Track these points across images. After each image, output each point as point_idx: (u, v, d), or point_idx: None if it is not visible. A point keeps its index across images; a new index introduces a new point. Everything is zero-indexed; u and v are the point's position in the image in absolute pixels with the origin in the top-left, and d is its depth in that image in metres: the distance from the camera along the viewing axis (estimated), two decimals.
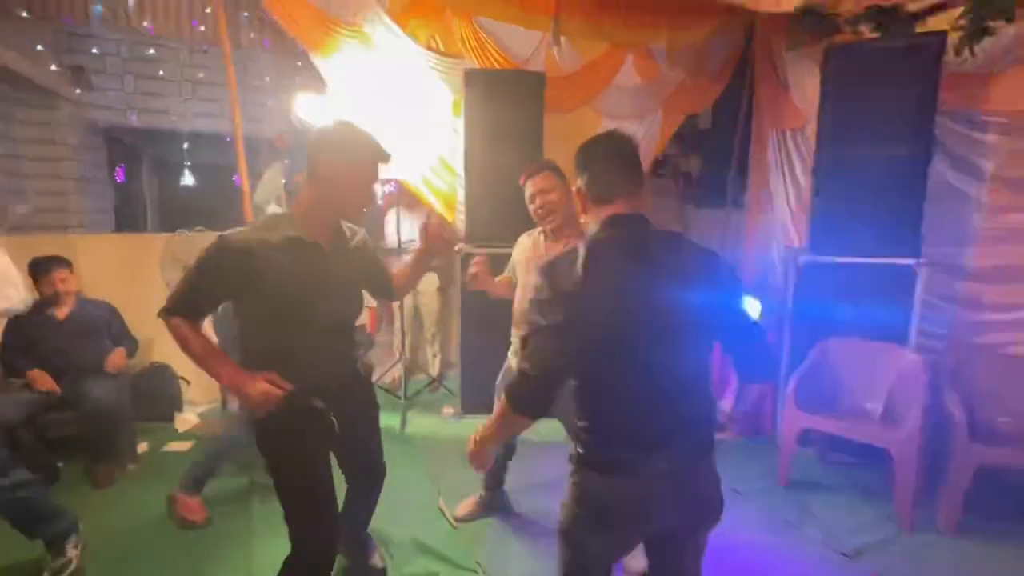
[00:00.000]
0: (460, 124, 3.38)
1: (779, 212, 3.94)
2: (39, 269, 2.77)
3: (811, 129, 3.43)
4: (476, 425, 1.30)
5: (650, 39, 3.77)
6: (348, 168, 1.42)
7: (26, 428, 2.55)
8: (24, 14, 3.44)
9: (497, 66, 3.43)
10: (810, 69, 3.42)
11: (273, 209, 2.97)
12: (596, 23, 3.47)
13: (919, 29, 2.85)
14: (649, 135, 4.10)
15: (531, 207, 2.01)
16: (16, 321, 2.74)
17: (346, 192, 1.43)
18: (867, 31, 2.98)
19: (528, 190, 2.00)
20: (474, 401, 3.37)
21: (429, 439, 3.23)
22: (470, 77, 3.22)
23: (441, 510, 2.42)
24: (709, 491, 1.18)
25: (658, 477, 1.11)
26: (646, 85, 3.91)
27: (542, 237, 2.10)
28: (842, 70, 2.84)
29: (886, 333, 2.71)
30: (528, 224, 3.30)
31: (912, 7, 2.85)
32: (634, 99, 3.93)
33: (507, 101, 3.22)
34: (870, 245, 2.79)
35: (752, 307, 3.26)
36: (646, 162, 4.18)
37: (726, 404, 3.38)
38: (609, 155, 1.19)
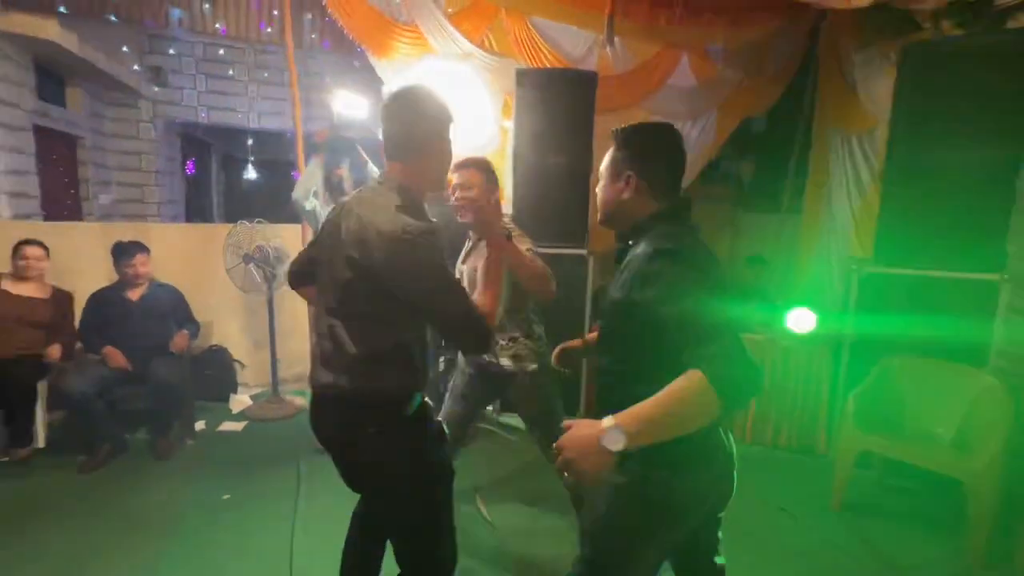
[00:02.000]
0: (510, 124, 3.39)
1: (840, 219, 3.74)
2: (120, 253, 2.99)
3: (881, 132, 3.23)
4: (511, 422, 1.28)
5: (707, 39, 3.66)
6: (437, 131, 1.26)
7: (100, 400, 2.76)
8: (112, 18, 3.73)
9: (549, 66, 3.42)
10: (882, 69, 3.23)
11: (312, 204, 3.04)
12: (651, 23, 3.41)
13: (1010, 25, 2.63)
14: (703, 137, 3.98)
15: (456, 195, 1.93)
16: (95, 300, 2.97)
17: (436, 159, 1.28)
18: (949, 28, 2.78)
19: (458, 180, 1.95)
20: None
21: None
22: (521, 76, 3.23)
23: (480, 509, 2.44)
24: (733, 468, 1.18)
25: (717, 460, 1.11)
26: (702, 85, 3.80)
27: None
28: (921, 69, 2.65)
29: (958, 353, 2.51)
30: (574, 224, 3.31)
31: (1001, 1, 2.63)
32: (688, 100, 3.83)
33: (558, 101, 3.20)
34: (944, 256, 2.59)
35: (806, 318, 3.10)
36: (699, 165, 4.06)
37: None
38: (675, 151, 1.17)
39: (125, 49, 4.41)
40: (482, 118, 3.52)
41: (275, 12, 4.39)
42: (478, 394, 2.08)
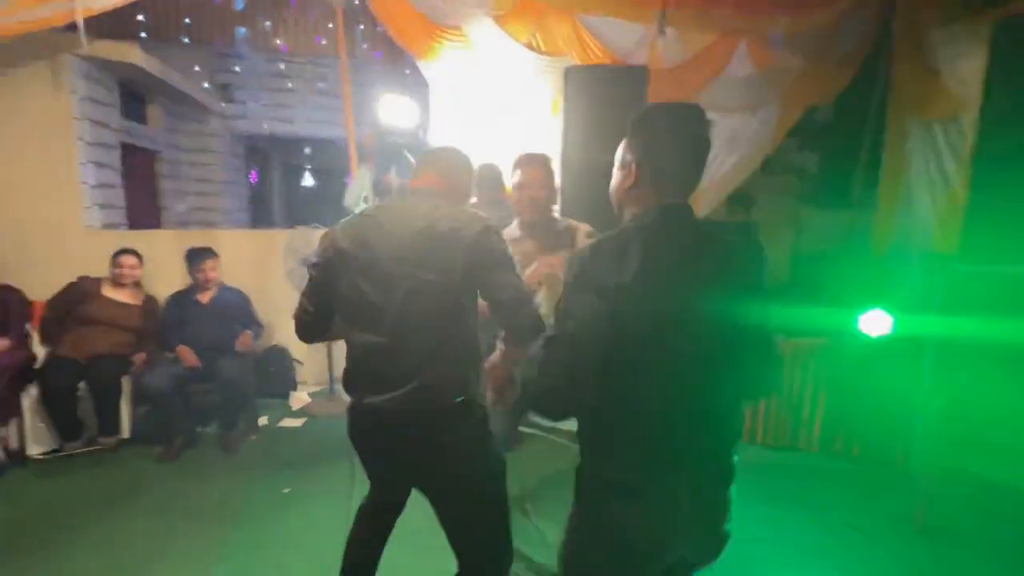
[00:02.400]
0: (559, 124, 3.35)
1: (920, 213, 3.44)
2: (192, 258, 3.20)
3: (968, 117, 2.94)
4: (567, 426, 1.27)
5: (768, 25, 3.47)
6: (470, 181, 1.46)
7: (176, 396, 2.97)
8: (185, 40, 4.01)
9: (598, 62, 3.36)
10: (970, 47, 2.93)
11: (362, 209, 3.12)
12: (706, 11, 3.26)
13: None
14: (762, 130, 3.78)
15: (514, 194, 1.93)
16: (171, 302, 3.19)
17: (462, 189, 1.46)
18: None
19: (516, 177, 1.92)
20: None
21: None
22: (570, 74, 3.17)
23: (526, 510, 2.41)
24: (721, 525, 1.04)
25: (680, 504, 0.98)
26: (761, 74, 3.60)
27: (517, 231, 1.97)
28: (1017, 46, 2.38)
29: None
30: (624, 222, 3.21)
31: None
32: (746, 90, 3.64)
33: (607, 98, 3.12)
34: None
35: (881, 321, 2.87)
36: (759, 157, 3.86)
37: None
38: (688, 140, 1.02)
39: (197, 68, 4.73)
40: (531, 118, 3.50)
41: (330, 25, 4.57)
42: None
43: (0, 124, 3.31)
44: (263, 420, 3.38)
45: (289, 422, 3.42)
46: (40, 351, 3.03)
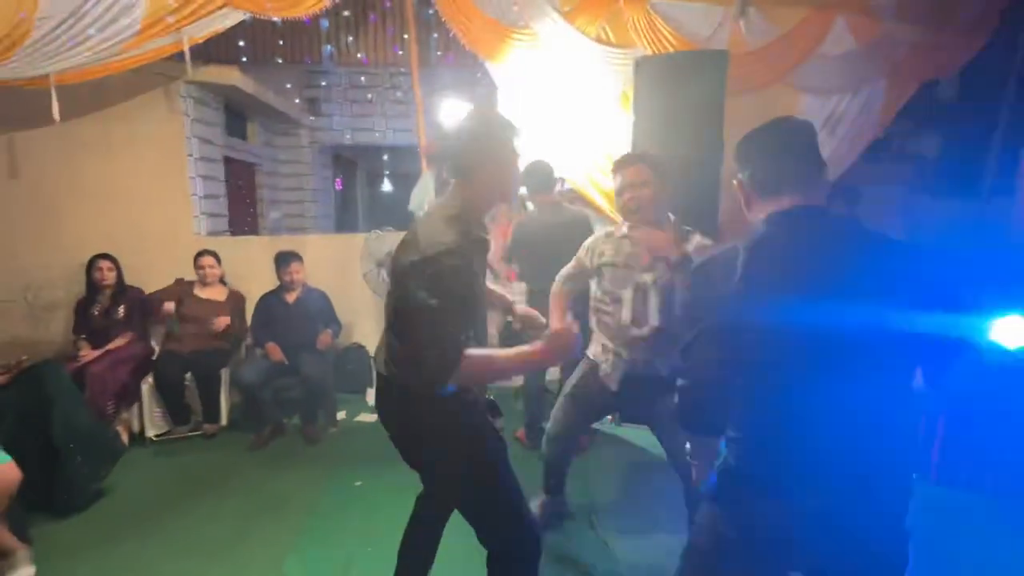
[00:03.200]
0: (630, 117, 3.20)
1: None
2: (280, 261, 3.45)
3: None
4: (638, 432, 1.21)
5: None
6: (491, 157, 1.34)
7: (266, 389, 3.21)
8: (279, 60, 4.35)
9: (672, 51, 3.16)
10: None
11: None
12: None
13: None
14: (867, 111, 3.36)
15: (618, 199, 1.90)
16: (262, 302, 3.47)
17: (493, 176, 1.36)
18: None
19: (618, 181, 1.89)
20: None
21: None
22: (639, 65, 3.02)
23: (592, 524, 2.31)
24: (878, 541, 0.96)
25: (807, 510, 0.96)
26: (863, 49, 3.20)
27: (625, 240, 1.93)
28: None
29: None
30: (702, 221, 2.99)
31: None
32: (846, 68, 3.26)
33: (681, 87, 2.93)
34: None
35: (1018, 329, 2.42)
36: (863, 142, 3.44)
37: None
38: (777, 142, 1.06)
39: (288, 86, 5.13)
40: (601, 115, 3.38)
41: (406, 36, 4.74)
42: (598, 396, 1.97)
43: (123, 144, 3.79)
44: (341, 414, 3.56)
45: (365, 417, 3.57)
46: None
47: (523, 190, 2.99)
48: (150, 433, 3.21)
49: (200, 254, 3.44)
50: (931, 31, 3.17)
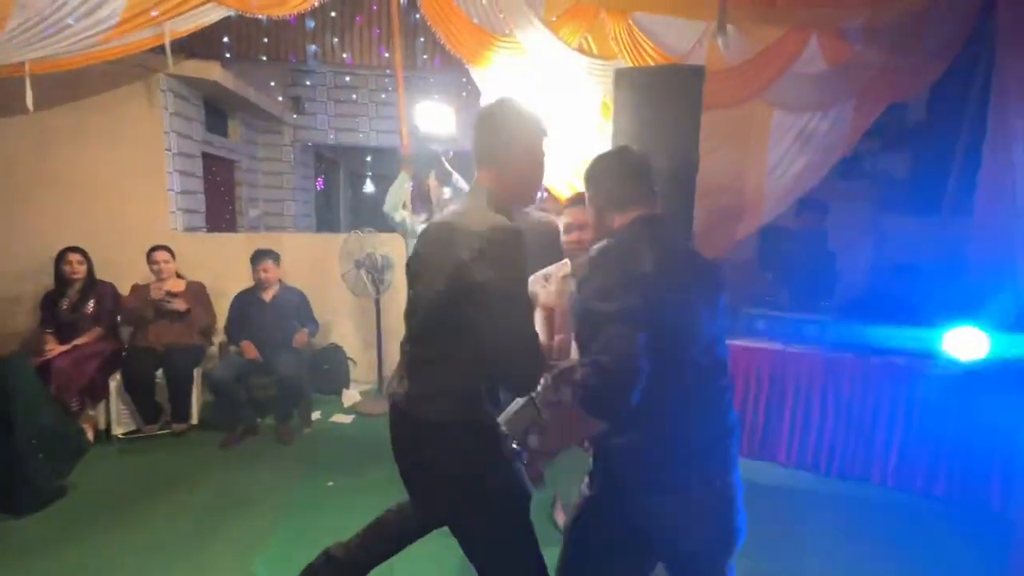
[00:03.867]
0: (610, 127, 3.27)
1: None
2: (253, 259, 3.42)
3: None
4: None
5: (843, 17, 3.20)
6: (527, 142, 1.26)
7: (239, 387, 3.17)
8: (263, 58, 4.32)
9: (652, 63, 3.25)
10: None
11: (401, 215, 3.19)
12: (771, 5, 3.07)
13: None
14: (836, 129, 3.48)
15: (566, 237, 1.91)
16: (237, 299, 3.43)
17: (527, 170, 1.27)
18: None
19: (567, 219, 1.90)
20: None
21: None
22: (619, 77, 3.08)
23: (554, 520, 2.32)
24: (734, 513, 1.15)
25: (696, 495, 1.11)
26: (834, 70, 3.32)
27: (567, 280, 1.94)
28: None
29: None
30: (677, 231, 3.06)
31: None
32: (818, 87, 3.38)
33: (659, 100, 3.00)
34: None
35: (974, 341, 2.54)
36: (832, 159, 3.55)
37: None
38: (622, 166, 1.28)
39: (272, 83, 5.10)
40: (581, 124, 3.45)
41: (392, 39, 4.76)
42: None
43: (101, 136, 3.72)
44: (316, 415, 3.54)
45: (340, 418, 3.55)
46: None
47: None
48: (117, 431, 3.14)
49: (153, 249, 3.35)
50: (898, 55, 3.31)
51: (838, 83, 3.37)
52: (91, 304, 3.24)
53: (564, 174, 3.50)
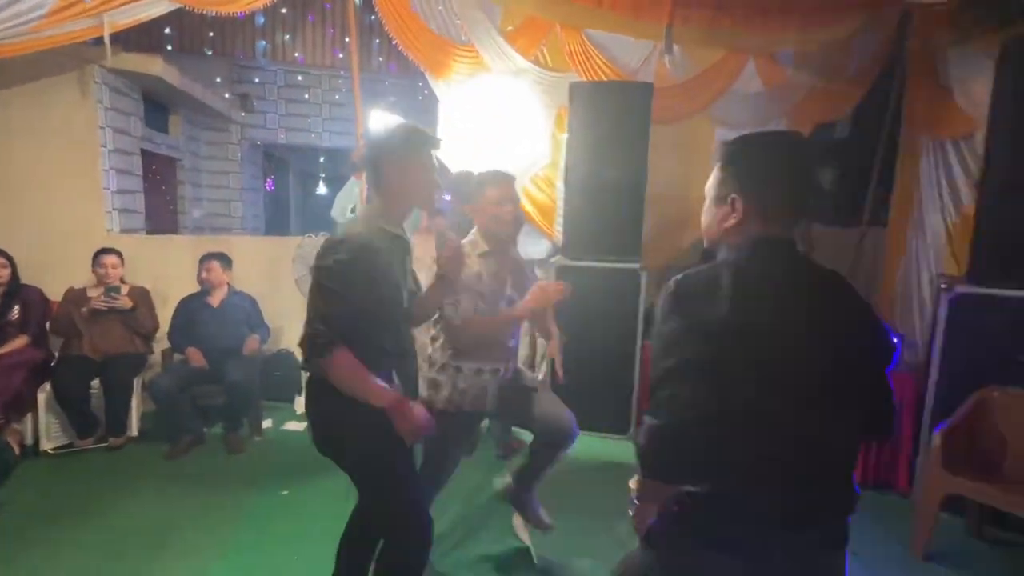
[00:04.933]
0: (565, 138, 3.39)
1: (931, 233, 3.38)
2: (200, 262, 3.29)
3: (980, 137, 2.89)
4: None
5: (776, 44, 3.47)
6: (399, 162, 1.44)
7: (184, 396, 3.04)
8: (208, 52, 4.16)
9: (604, 78, 3.39)
10: (981, 67, 2.90)
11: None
12: (713, 28, 3.28)
13: None
14: None
15: (497, 210, 1.82)
16: (182, 304, 3.29)
17: (405, 185, 1.46)
18: None
19: (495, 193, 1.82)
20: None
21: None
22: (574, 90, 3.22)
23: (517, 535, 2.28)
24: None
25: (772, 567, 0.90)
26: (769, 91, 3.60)
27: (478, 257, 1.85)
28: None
29: None
30: (628, 238, 3.22)
31: None
32: (754, 106, 3.64)
33: (612, 113, 3.16)
34: None
35: None
36: None
37: None
38: (797, 168, 0.98)
39: (218, 80, 4.90)
40: (535, 132, 3.55)
41: (347, 39, 4.69)
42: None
43: (29, 131, 3.46)
44: (267, 423, 3.44)
45: (293, 426, 3.47)
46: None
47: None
48: (46, 446, 2.94)
49: (102, 252, 3.17)
50: (824, 80, 3.63)
51: (773, 102, 3.66)
52: (16, 310, 3.02)
53: (518, 181, 3.58)
